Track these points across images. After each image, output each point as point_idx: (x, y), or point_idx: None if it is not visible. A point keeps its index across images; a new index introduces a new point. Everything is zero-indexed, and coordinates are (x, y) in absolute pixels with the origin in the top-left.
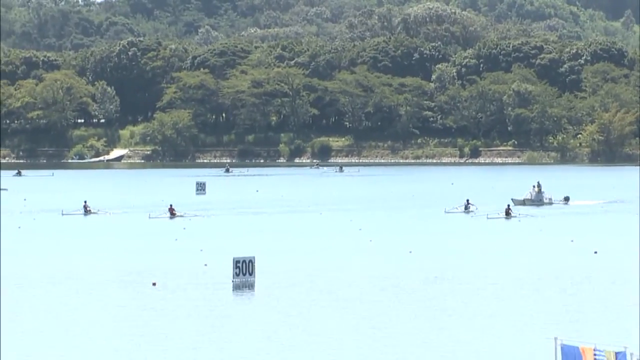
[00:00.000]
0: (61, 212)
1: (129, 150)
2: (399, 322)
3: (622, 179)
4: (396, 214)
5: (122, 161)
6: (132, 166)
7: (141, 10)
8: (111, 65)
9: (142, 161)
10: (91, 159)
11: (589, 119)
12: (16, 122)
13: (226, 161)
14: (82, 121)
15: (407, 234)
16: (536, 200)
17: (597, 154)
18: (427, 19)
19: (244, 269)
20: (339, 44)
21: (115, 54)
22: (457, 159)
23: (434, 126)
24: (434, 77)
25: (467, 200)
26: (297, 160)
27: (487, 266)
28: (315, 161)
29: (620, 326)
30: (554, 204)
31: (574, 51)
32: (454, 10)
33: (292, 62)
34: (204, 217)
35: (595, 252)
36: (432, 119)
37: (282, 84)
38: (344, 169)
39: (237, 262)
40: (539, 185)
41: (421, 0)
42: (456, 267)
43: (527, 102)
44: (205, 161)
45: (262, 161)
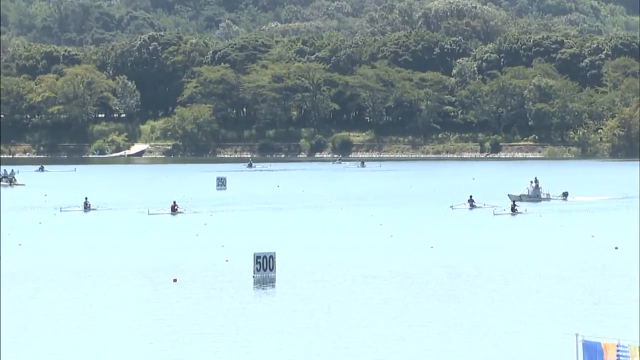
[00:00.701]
0: (59, 209)
1: (150, 145)
2: (420, 317)
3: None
4: (417, 209)
5: (143, 156)
6: (153, 161)
7: (162, 4)
8: (132, 59)
9: (163, 156)
10: (112, 154)
11: (610, 114)
12: (37, 117)
13: (247, 156)
14: (103, 116)
15: (428, 229)
16: (533, 196)
17: (617, 148)
18: (448, 13)
19: (265, 264)
20: (359, 39)
21: (135, 48)
22: (478, 154)
23: (455, 121)
24: (454, 71)
25: (471, 196)
26: (317, 155)
27: (508, 262)
28: (337, 156)
29: None
30: (551, 199)
31: (595, 46)
32: (474, 4)
33: (312, 57)
34: (209, 214)
35: (616, 248)
36: (452, 114)
37: (303, 79)
38: (366, 164)
39: (257, 258)
40: (536, 180)
41: None
42: (477, 263)
43: (547, 97)
44: (226, 156)
45: (282, 156)
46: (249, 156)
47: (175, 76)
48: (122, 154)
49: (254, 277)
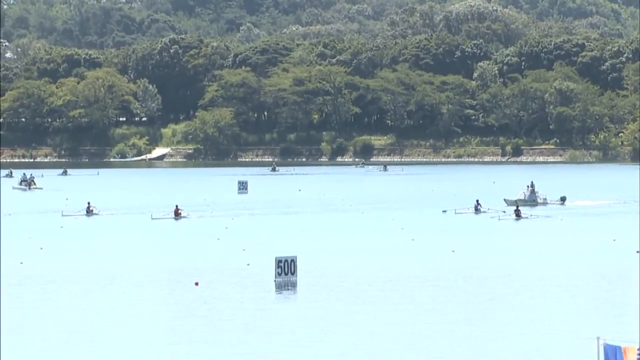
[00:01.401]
0: (61, 213)
1: (171, 149)
2: (442, 320)
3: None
4: (438, 212)
5: (164, 160)
6: (175, 165)
7: (183, 7)
8: (153, 63)
9: (184, 160)
10: (133, 157)
11: (631, 117)
12: (58, 120)
13: (268, 160)
14: (124, 119)
15: (450, 233)
16: (529, 200)
17: (639, 152)
18: (469, 17)
19: (286, 268)
20: (380, 42)
21: (156, 51)
22: (499, 158)
23: (476, 124)
24: (475, 75)
25: (477, 200)
26: (339, 159)
27: (529, 265)
28: (360, 160)
29: None
30: (549, 204)
31: (616, 49)
32: (495, 7)
33: (333, 60)
34: (210, 217)
35: (637, 252)
36: (473, 117)
37: (324, 82)
38: (388, 167)
39: (279, 262)
40: (532, 185)
41: None
42: (497, 266)
43: (568, 101)
44: (247, 160)
45: (304, 160)
46: (270, 160)
47: (196, 79)
48: (143, 157)
49: (275, 281)
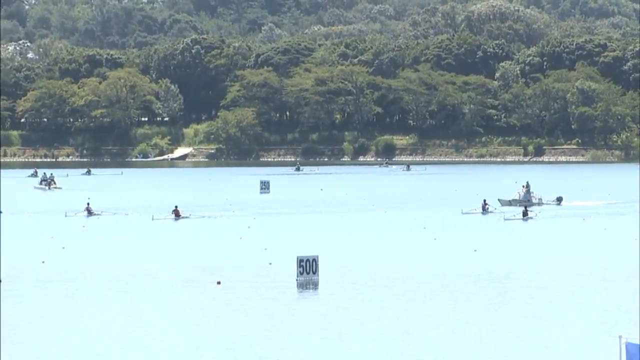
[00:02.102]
0: (65, 214)
1: (193, 148)
2: (464, 320)
3: None
4: (460, 212)
5: (187, 160)
6: (197, 165)
7: (204, 7)
8: (174, 63)
9: (206, 160)
10: (155, 157)
11: None
12: (80, 120)
13: (290, 160)
14: (146, 119)
15: (472, 232)
16: (524, 200)
17: None
18: (491, 17)
19: (308, 267)
20: (402, 42)
21: (178, 51)
22: (521, 158)
23: (498, 124)
24: (497, 75)
25: (484, 200)
26: (361, 158)
27: (550, 264)
28: (383, 159)
29: None
30: (544, 204)
31: (638, 49)
32: (517, 7)
33: (355, 60)
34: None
35: None
36: (495, 117)
37: (346, 82)
38: (411, 167)
39: (301, 261)
40: (528, 185)
41: None
42: (518, 266)
43: (590, 101)
44: (269, 160)
45: (326, 159)
46: (293, 159)
47: (218, 79)
48: (165, 157)
49: (297, 280)
